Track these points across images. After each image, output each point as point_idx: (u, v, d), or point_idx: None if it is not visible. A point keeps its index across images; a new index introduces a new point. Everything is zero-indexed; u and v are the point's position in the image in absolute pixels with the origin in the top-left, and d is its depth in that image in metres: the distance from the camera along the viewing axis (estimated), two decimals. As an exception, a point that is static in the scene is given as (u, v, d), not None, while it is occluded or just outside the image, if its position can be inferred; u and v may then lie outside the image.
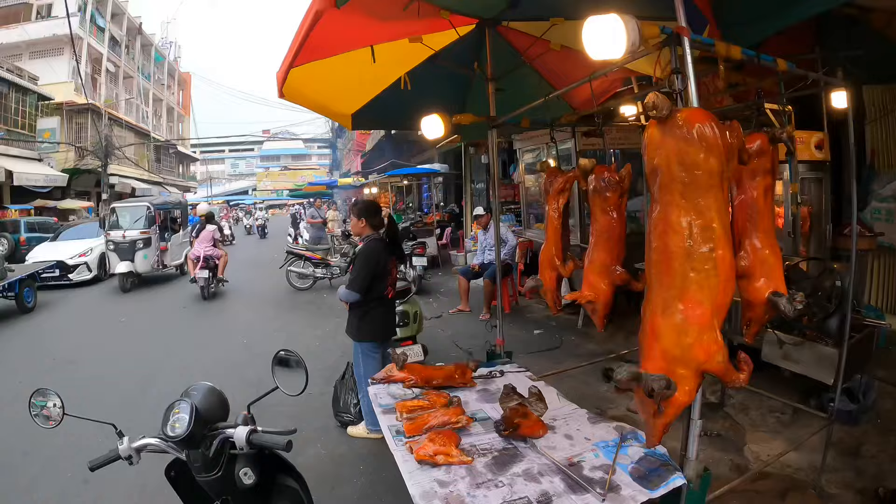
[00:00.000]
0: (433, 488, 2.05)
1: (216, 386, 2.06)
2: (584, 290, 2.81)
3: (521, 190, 9.99)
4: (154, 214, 13.14)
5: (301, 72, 3.30)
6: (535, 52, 3.71)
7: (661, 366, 1.82)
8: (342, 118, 4.25)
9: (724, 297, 1.80)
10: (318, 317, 9.01)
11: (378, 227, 4.19)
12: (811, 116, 5.65)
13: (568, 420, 2.64)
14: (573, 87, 2.89)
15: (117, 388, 5.92)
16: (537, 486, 2.05)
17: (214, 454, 1.86)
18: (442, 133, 3.64)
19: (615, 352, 5.87)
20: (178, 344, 7.81)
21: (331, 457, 4.31)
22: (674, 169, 1.82)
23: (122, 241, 12.44)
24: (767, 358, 4.50)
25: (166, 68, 40.39)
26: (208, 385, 2.03)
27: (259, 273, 14.24)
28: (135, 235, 12.55)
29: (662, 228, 1.85)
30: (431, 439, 2.27)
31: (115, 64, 30.55)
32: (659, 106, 1.81)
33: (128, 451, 1.88)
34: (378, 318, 4.20)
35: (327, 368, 6.17)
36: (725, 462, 3.85)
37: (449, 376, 3.01)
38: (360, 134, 25.71)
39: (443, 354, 6.48)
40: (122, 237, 12.47)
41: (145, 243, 12.66)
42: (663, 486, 2.02)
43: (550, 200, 3.04)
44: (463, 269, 8.83)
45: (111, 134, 25.51)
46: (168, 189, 34.01)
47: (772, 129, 2.39)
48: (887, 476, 3.52)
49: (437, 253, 13.19)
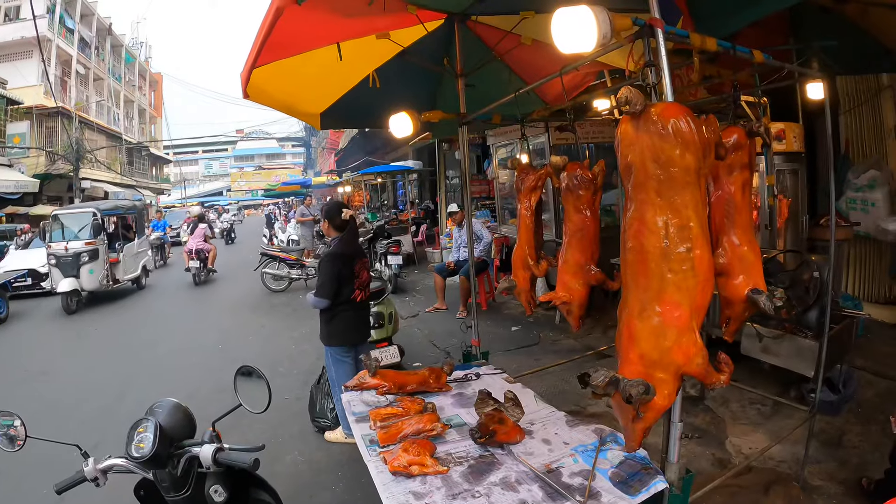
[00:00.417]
0: (408, 500, 1.98)
1: (181, 402, 2.00)
2: (559, 291, 2.74)
3: (496, 185, 9.93)
4: (101, 222, 11.53)
5: (265, 71, 3.19)
6: (505, 46, 3.64)
7: (638, 370, 1.76)
8: (310, 118, 4.14)
9: (702, 297, 1.75)
10: (293, 319, 8.90)
11: (341, 227, 4.08)
12: (785, 108, 5.69)
13: (546, 424, 2.58)
14: (544, 82, 2.82)
15: (91, 399, 5.79)
16: (515, 495, 1.99)
17: (182, 473, 1.81)
18: (411, 131, 3.56)
19: (594, 347, 5.86)
20: (151, 351, 7.65)
21: (308, 463, 4.25)
22: (648, 166, 1.75)
23: (64, 255, 10.84)
24: (746, 351, 4.50)
25: (137, 69, 39.57)
26: (173, 401, 1.98)
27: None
28: (79, 247, 10.94)
29: (637, 228, 1.78)
30: (405, 449, 2.20)
31: (85, 66, 29.84)
32: (632, 100, 1.75)
33: (93, 473, 1.82)
34: (346, 322, 4.09)
35: (304, 372, 6.10)
36: (707, 457, 3.84)
37: (423, 381, 2.93)
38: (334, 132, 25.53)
39: (420, 354, 6.45)
40: (65, 250, 10.91)
41: (91, 256, 11.04)
42: (644, 491, 1.97)
43: (522, 199, 2.97)
44: (438, 267, 8.77)
45: (82, 137, 25.01)
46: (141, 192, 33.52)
47: (748, 123, 2.34)
48: (870, 466, 3.53)
49: (412, 250, 13.13)
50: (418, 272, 12.30)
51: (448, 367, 3.08)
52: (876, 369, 4.75)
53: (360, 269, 4.11)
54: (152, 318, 9.98)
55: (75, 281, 10.68)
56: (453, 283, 8.83)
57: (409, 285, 10.90)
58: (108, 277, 11.50)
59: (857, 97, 6.20)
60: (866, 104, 6.12)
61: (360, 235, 4.14)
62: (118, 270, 12.00)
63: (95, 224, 11.36)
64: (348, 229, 4.09)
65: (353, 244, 4.12)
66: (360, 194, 20.55)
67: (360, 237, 12.00)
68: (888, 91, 5.93)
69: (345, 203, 4.28)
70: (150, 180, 38.74)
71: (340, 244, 4.05)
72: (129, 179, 33.05)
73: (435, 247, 12.75)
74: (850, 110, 6.26)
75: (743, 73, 2.93)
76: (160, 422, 1.79)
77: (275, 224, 21.91)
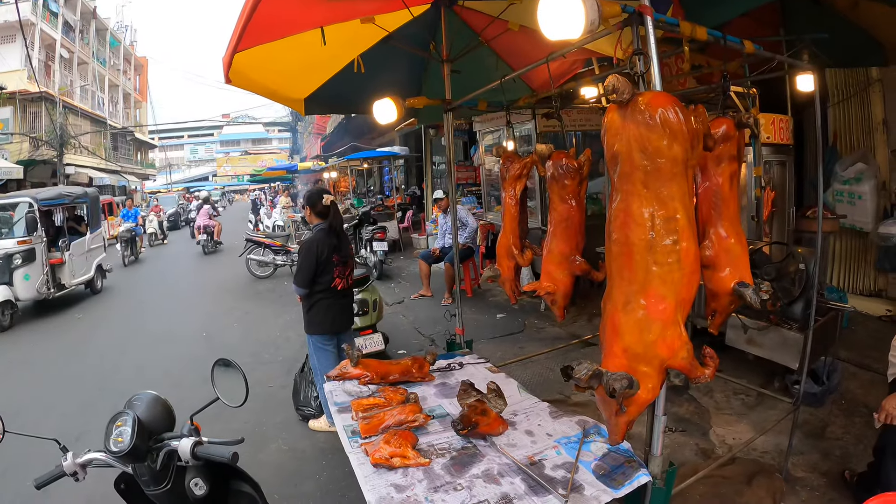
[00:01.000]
0: (389, 493, 1.96)
1: (160, 395, 1.97)
2: (543, 281, 2.71)
3: (482, 172, 9.89)
4: (37, 215, 8.97)
5: (247, 56, 3.12)
6: (492, 32, 3.59)
7: (622, 363, 1.73)
8: (294, 103, 4.07)
9: (688, 291, 1.72)
10: (279, 305, 8.85)
11: (323, 214, 4.03)
12: (774, 100, 5.68)
13: (529, 415, 2.56)
14: (530, 69, 2.77)
15: (74, 390, 5.72)
16: (497, 487, 1.97)
17: (161, 467, 1.79)
18: (395, 117, 3.50)
19: (579, 335, 5.88)
20: (135, 339, 7.56)
21: (293, 452, 4.24)
22: (635, 156, 1.71)
23: None
24: (731, 342, 4.52)
25: (122, 53, 38.81)
26: (152, 394, 1.95)
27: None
28: (9, 247, 8.62)
29: (623, 219, 1.75)
30: (387, 441, 2.17)
31: (70, 50, 29.23)
32: (619, 89, 1.70)
33: (72, 468, 1.79)
34: (326, 310, 4.04)
35: (288, 360, 6.07)
36: (690, 446, 3.86)
37: (406, 371, 2.91)
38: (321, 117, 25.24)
39: (405, 342, 6.44)
40: None
41: (26, 257, 8.74)
42: (627, 485, 1.96)
43: (507, 187, 2.92)
44: (424, 253, 8.73)
45: (66, 123, 24.65)
46: (126, 177, 33.10)
47: (737, 114, 2.31)
48: (853, 458, 3.56)
49: (398, 237, 13.09)
50: (404, 258, 12.27)
51: (431, 357, 3.05)
52: (860, 361, 4.79)
53: (341, 256, 4.06)
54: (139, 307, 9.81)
55: (8, 290, 8.47)
56: (439, 270, 8.82)
57: (394, 272, 10.86)
58: (49, 283, 9.25)
59: (846, 90, 6.22)
60: (855, 97, 6.14)
61: (343, 221, 4.07)
62: (63, 273, 9.69)
63: (30, 218, 8.89)
64: (330, 215, 4.04)
65: (334, 231, 4.04)
66: (345, 180, 20.43)
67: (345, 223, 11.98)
68: (877, 85, 5.95)
69: (326, 189, 4.20)
70: (135, 165, 38.20)
71: (321, 231, 4.00)
72: (114, 165, 32.59)
73: (421, 233, 12.68)
74: (838, 103, 6.28)
75: (732, 63, 2.90)
76: (139, 415, 1.76)
77: (260, 210, 21.70)
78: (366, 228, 10.98)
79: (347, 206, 14.68)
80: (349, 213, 12.67)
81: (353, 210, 13.44)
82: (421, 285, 8.77)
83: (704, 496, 3.22)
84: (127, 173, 34.46)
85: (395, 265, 11.44)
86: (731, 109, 2.42)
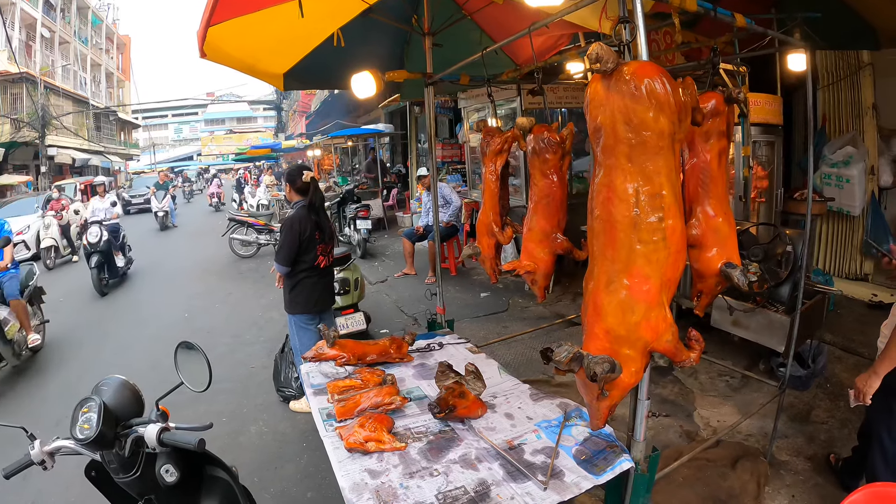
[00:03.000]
0: (363, 479, 1.90)
1: (128, 379, 1.89)
2: (523, 260, 2.63)
3: (466, 150, 9.77)
4: None
5: (222, 29, 2.98)
6: (476, 4, 3.49)
7: (604, 346, 1.66)
8: (273, 78, 3.94)
9: (673, 271, 1.64)
10: (261, 285, 8.77)
11: (303, 191, 3.94)
12: (763, 79, 5.61)
13: (509, 397, 2.51)
14: (513, 40, 2.66)
15: (54, 374, 5.64)
16: (475, 473, 1.91)
17: (130, 454, 1.73)
18: (374, 91, 3.39)
19: (563, 314, 5.85)
20: (115, 321, 7.45)
21: (273, 434, 4.20)
22: (619, 129, 1.63)
23: None
24: (716, 323, 4.49)
25: (104, 31, 38.07)
26: (120, 379, 1.87)
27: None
28: None
29: (606, 195, 1.66)
30: (362, 424, 2.11)
31: (51, 29, 28.59)
32: (603, 58, 1.61)
33: (40, 456, 1.72)
34: (309, 289, 3.97)
35: (270, 340, 6.00)
36: (675, 428, 3.84)
37: (384, 351, 2.84)
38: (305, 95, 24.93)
39: (387, 321, 6.40)
40: None
41: None
42: (609, 471, 1.92)
43: (487, 162, 2.82)
44: (407, 232, 8.65)
45: (48, 103, 24.24)
46: (110, 158, 32.61)
47: (727, 89, 2.23)
48: (837, 442, 3.56)
49: (382, 215, 13.01)
50: (388, 237, 12.19)
51: (409, 337, 2.99)
52: (845, 345, 4.79)
53: (323, 233, 3.97)
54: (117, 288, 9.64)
55: None
56: (423, 248, 8.75)
57: (378, 250, 10.80)
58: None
59: (837, 73, 6.17)
60: (845, 80, 6.09)
61: (325, 198, 3.97)
62: None
63: None
64: (310, 192, 3.94)
65: (314, 208, 3.95)
66: (330, 157, 20.21)
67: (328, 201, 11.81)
68: (868, 69, 5.90)
69: (306, 165, 4.09)
70: (119, 146, 37.71)
71: (302, 208, 3.91)
72: (97, 145, 32.14)
73: (405, 211, 12.59)
74: (828, 86, 6.23)
75: (722, 38, 2.82)
76: (105, 401, 1.70)
77: (244, 189, 21.49)
78: (349, 206, 10.86)
79: (331, 183, 14.52)
80: (333, 191, 12.52)
81: (336, 188, 13.27)
82: (405, 264, 8.72)
83: (688, 479, 3.21)
84: (110, 154, 34.03)
85: (380, 243, 11.37)
86: (720, 86, 2.32)
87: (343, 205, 11.44)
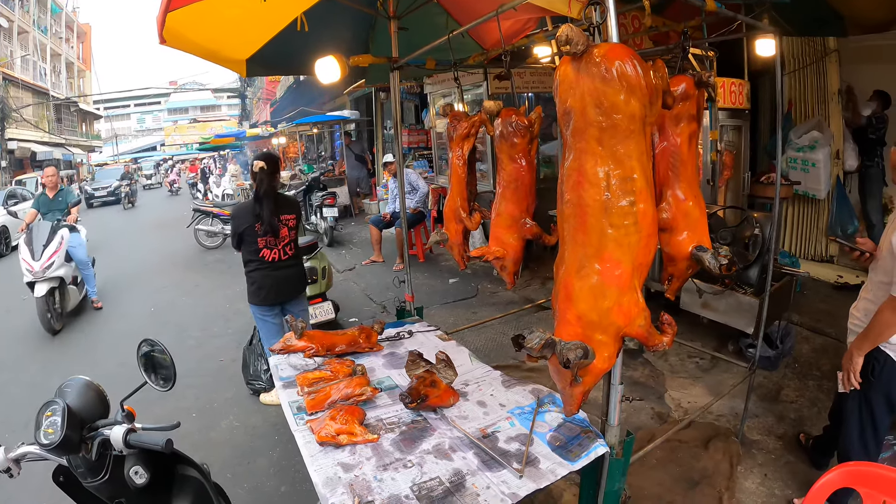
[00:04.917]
0: (336, 473, 1.85)
1: (92, 380, 1.83)
2: (491, 246, 2.59)
3: (433, 135, 9.72)
4: None
5: (182, 14, 2.86)
6: (443, -13, 3.42)
7: (576, 331, 1.64)
8: (235, 65, 3.82)
9: (645, 255, 1.63)
10: (228, 276, 8.61)
11: (256, 180, 3.76)
12: (730, 64, 5.67)
13: (481, 384, 2.48)
14: (479, 23, 2.61)
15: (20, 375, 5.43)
16: (449, 463, 1.88)
17: (97, 457, 1.66)
18: (338, 76, 3.32)
19: (533, 300, 5.86)
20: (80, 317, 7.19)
21: (245, 428, 4.14)
22: (589, 112, 1.60)
23: None
24: (686, 306, 4.55)
25: (64, 20, 36.72)
26: (84, 379, 1.81)
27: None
28: None
29: (576, 179, 1.64)
30: (333, 417, 2.06)
31: (9, 18, 27.42)
32: (573, 40, 1.58)
33: (5, 464, 1.64)
34: (258, 281, 3.84)
35: (238, 332, 5.89)
36: (646, 410, 3.89)
37: (353, 341, 2.78)
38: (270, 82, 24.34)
39: (356, 310, 6.34)
40: None
41: None
42: (584, 457, 1.91)
43: (454, 147, 2.78)
44: (374, 219, 8.59)
45: (7, 96, 23.41)
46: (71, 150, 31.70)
47: (697, 73, 2.22)
48: (807, 420, 3.63)
49: (349, 202, 12.89)
50: (355, 224, 12.10)
51: (378, 326, 2.94)
52: (812, 325, 4.89)
53: (265, 226, 3.72)
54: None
55: None
56: (390, 235, 8.71)
57: (345, 238, 10.72)
58: None
59: (803, 59, 6.25)
60: (811, 66, 6.17)
61: (274, 189, 3.78)
62: None
63: None
64: (257, 182, 3.72)
65: (259, 199, 3.71)
66: (295, 145, 19.90)
67: (294, 189, 11.61)
68: (834, 55, 5.98)
69: (267, 154, 3.94)
70: (81, 137, 36.59)
71: (250, 199, 3.77)
72: (58, 137, 31.17)
73: (372, 198, 12.49)
74: (793, 71, 6.32)
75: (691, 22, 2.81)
76: (69, 403, 1.63)
77: (209, 178, 21.02)
78: (315, 194, 10.72)
79: (296, 171, 14.28)
80: (298, 179, 12.32)
81: (302, 176, 13.08)
82: (372, 251, 8.68)
83: (661, 461, 3.25)
84: (72, 146, 33.05)
85: (347, 231, 11.29)
86: (689, 70, 2.32)
87: (309, 193, 11.29)
